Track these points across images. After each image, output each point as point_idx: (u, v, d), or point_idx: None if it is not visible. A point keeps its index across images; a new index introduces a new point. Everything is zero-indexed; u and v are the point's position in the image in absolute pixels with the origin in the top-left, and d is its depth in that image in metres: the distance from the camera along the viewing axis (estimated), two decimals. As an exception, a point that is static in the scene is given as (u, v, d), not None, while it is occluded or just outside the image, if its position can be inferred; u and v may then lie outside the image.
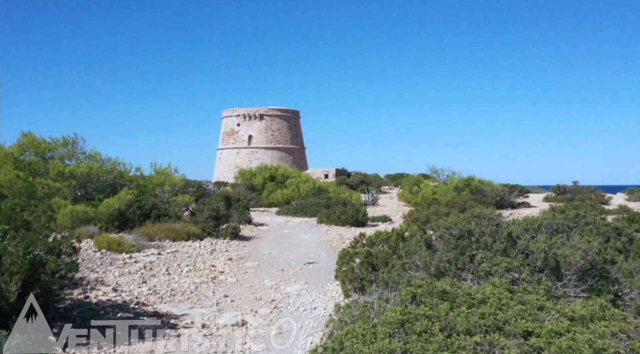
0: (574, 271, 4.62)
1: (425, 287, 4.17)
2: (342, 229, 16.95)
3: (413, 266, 5.22)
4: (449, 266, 4.88)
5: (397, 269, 5.46)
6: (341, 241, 13.54)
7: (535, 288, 4.37)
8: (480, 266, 4.67)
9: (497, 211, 27.48)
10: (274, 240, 13.94)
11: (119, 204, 13.80)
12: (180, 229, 12.77)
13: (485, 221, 5.22)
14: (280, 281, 8.35)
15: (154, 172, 16.26)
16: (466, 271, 4.85)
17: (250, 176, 30.82)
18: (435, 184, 33.53)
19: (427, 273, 5.03)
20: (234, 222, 17.16)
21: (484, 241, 4.97)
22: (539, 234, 5.40)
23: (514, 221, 5.83)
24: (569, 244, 4.85)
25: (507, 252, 4.94)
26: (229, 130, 57.19)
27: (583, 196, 33.31)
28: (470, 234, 5.11)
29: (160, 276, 8.18)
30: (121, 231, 13.79)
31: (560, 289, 4.58)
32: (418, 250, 5.37)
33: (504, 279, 4.44)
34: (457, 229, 5.09)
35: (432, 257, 5.04)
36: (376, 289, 5.57)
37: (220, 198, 17.91)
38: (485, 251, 4.90)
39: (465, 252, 4.94)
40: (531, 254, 4.82)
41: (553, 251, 4.71)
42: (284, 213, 21.91)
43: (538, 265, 4.73)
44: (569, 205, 23.31)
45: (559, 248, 4.77)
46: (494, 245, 4.93)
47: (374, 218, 19.74)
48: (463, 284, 4.33)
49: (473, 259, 4.85)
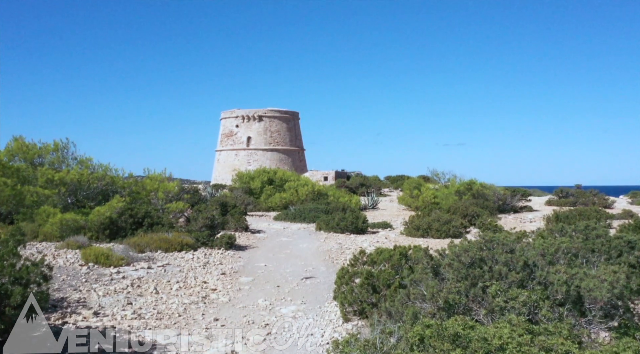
0: (599, 307, 4.14)
1: (434, 328, 3.69)
2: (341, 236, 16.46)
3: (419, 296, 4.73)
4: (459, 299, 4.39)
5: (402, 298, 4.98)
6: (340, 251, 13.06)
7: (557, 327, 3.89)
8: (495, 300, 4.19)
9: (500, 215, 27.03)
10: (270, 250, 13.45)
11: (110, 213, 13.32)
12: (173, 240, 12.28)
13: (498, 248, 4.73)
14: (276, 300, 7.86)
15: (148, 178, 15.77)
16: (478, 304, 4.38)
17: (248, 179, 30.33)
18: (435, 187, 33.05)
19: (434, 304, 4.54)
20: (230, 230, 16.69)
21: (497, 271, 4.49)
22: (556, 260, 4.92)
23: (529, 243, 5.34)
24: (592, 275, 4.37)
25: (524, 282, 4.46)
26: (227, 131, 56.71)
27: (586, 199, 32.81)
28: (482, 262, 4.62)
29: (147, 296, 7.69)
30: (112, 240, 13.31)
31: (585, 327, 4.10)
32: (424, 278, 4.89)
33: (522, 316, 3.96)
34: (467, 257, 4.61)
35: (440, 287, 4.56)
36: (378, 321, 5.09)
37: (216, 205, 17.42)
38: (500, 281, 4.42)
39: (477, 283, 4.46)
40: (550, 285, 4.35)
41: (575, 283, 4.23)
42: (282, 219, 21.42)
43: (558, 298, 4.25)
44: (573, 210, 22.81)
45: (582, 280, 4.29)
46: (509, 275, 4.45)
47: (374, 224, 19.25)
48: (477, 324, 3.85)
49: (486, 291, 4.37)
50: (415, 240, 16.18)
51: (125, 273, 9.28)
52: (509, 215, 27.65)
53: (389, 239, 16.02)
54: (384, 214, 28.16)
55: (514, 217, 26.27)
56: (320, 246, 14.20)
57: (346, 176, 51.92)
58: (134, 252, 11.52)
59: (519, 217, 26.45)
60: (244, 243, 14.47)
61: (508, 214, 27.93)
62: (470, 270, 4.52)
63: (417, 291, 4.69)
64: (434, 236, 16.68)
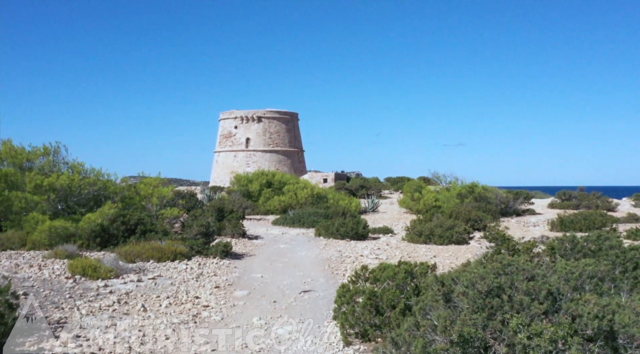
0: (636, 346, 3.64)
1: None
2: (341, 243, 15.96)
3: (429, 327, 4.23)
4: (476, 332, 3.90)
5: (409, 327, 4.48)
6: (340, 260, 12.56)
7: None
8: (517, 337, 3.70)
9: (502, 218, 26.54)
10: (267, 258, 12.96)
11: (102, 220, 12.82)
12: (166, 248, 11.78)
13: (518, 274, 4.23)
14: (271, 318, 7.36)
15: (141, 183, 15.26)
16: (497, 339, 3.88)
17: (246, 181, 29.83)
18: (437, 190, 32.57)
19: (446, 338, 4.04)
20: (227, 236, 16.19)
21: (518, 301, 3.99)
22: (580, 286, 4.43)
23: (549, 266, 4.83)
24: (627, 307, 3.87)
25: (548, 314, 3.96)
26: (226, 132, 56.22)
27: (589, 202, 32.35)
28: (500, 290, 4.12)
29: (134, 314, 7.19)
30: (103, 248, 12.83)
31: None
32: (434, 306, 4.39)
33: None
34: (484, 284, 4.11)
35: (453, 318, 4.06)
36: (384, 352, 4.59)
37: (212, 210, 16.92)
38: (521, 313, 3.92)
39: (495, 315, 3.96)
40: (579, 317, 3.85)
41: (608, 318, 3.74)
42: (281, 223, 20.93)
43: (588, 333, 3.76)
44: (578, 215, 22.34)
45: (615, 312, 3.80)
46: (531, 306, 3.95)
47: (375, 230, 18.76)
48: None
49: (506, 324, 3.88)
50: (417, 246, 15.70)
51: (114, 286, 8.78)
52: (512, 218, 27.18)
53: (391, 246, 15.53)
54: (384, 217, 27.68)
55: (517, 221, 25.79)
56: (320, 253, 13.70)
57: (346, 177, 51.43)
58: (124, 262, 11.03)
59: (522, 221, 25.97)
60: (240, 251, 13.97)
61: (511, 218, 27.45)
62: (488, 300, 4.02)
63: (427, 322, 4.19)
64: (437, 242, 16.19)
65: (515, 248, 9.60)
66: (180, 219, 17.93)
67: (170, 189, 15.52)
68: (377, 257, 13.03)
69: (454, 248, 15.55)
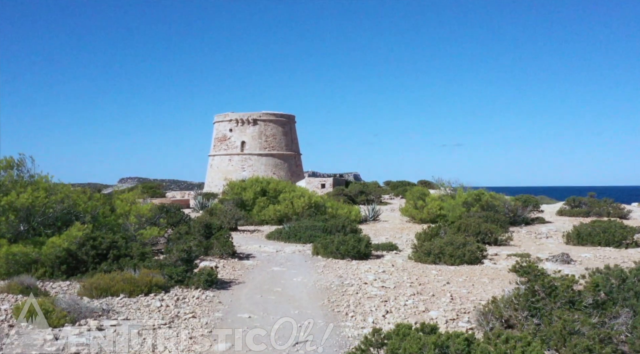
0: None
1: None
2: (341, 263, 14.36)
3: None
4: None
5: None
6: (341, 291, 10.94)
7: None
8: None
9: (511, 228, 24.96)
10: (258, 287, 11.35)
11: (68, 243, 11.19)
12: (140, 279, 10.15)
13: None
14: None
15: (118, 199, 13.60)
16: None
17: (240, 189, 28.20)
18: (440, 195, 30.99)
19: None
20: (214, 256, 14.60)
21: None
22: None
23: None
24: None
25: None
26: (220, 136, 54.58)
27: (600, 209, 30.80)
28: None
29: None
30: (70, 277, 11.21)
31: None
32: None
33: None
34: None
35: None
36: None
37: (199, 227, 15.30)
38: None
39: None
40: None
41: None
42: (275, 238, 19.31)
43: None
44: (595, 226, 20.74)
45: None
46: None
47: (378, 246, 17.14)
48: None
49: None
50: (426, 268, 14.11)
51: (64, 339, 7.16)
52: (521, 228, 25.62)
53: (397, 268, 13.94)
54: (386, 227, 26.10)
55: (527, 231, 24.22)
56: (318, 280, 12.09)
57: (344, 182, 49.84)
58: (88, 298, 9.41)
59: (533, 231, 24.40)
60: (228, 276, 12.35)
61: (520, 227, 25.90)
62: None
63: None
64: (447, 262, 14.61)
65: (552, 286, 8.01)
66: (165, 235, 16.33)
67: (149, 206, 13.85)
68: (383, 286, 11.42)
69: (467, 269, 13.98)
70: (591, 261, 15.80)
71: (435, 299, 10.36)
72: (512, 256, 16.25)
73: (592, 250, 18.19)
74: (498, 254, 16.71)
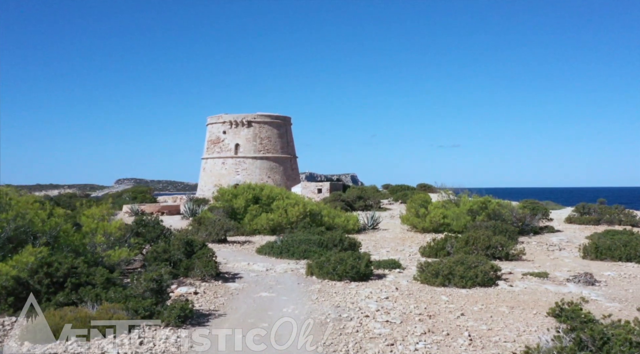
0: None
1: None
2: (338, 287, 12.71)
3: None
4: None
5: None
6: (339, 328, 9.26)
7: None
8: None
9: (520, 238, 23.35)
10: (241, 321, 9.67)
11: (17, 271, 9.51)
12: (98, 316, 8.48)
13: None
14: None
15: (83, 215, 11.89)
16: None
17: (230, 196, 26.51)
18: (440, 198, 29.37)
19: None
20: (195, 278, 12.95)
21: None
22: None
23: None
24: None
25: None
26: (214, 138, 52.86)
27: (611, 216, 29.23)
28: None
29: None
30: (19, 310, 9.52)
31: None
32: None
33: None
34: None
35: None
36: None
37: (179, 245, 13.62)
38: None
39: None
40: None
41: None
42: (266, 253, 17.63)
43: None
44: (615, 239, 19.14)
45: None
46: None
47: (380, 263, 15.47)
48: None
49: None
50: (434, 292, 12.47)
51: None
52: (530, 238, 24.02)
53: (401, 292, 12.30)
54: (386, 237, 24.44)
55: (538, 243, 22.56)
56: (312, 311, 10.42)
57: (342, 186, 48.16)
58: (31, 344, 7.74)
59: (544, 242, 22.76)
60: (207, 306, 10.68)
61: (529, 237, 24.30)
62: None
63: None
64: (458, 284, 12.98)
65: (604, 337, 6.38)
66: (142, 252, 14.65)
67: (118, 223, 12.13)
68: (387, 320, 9.74)
69: (481, 294, 12.35)
70: (617, 282, 14.19)
71: (450, 340, 8.71)
72: (528, 276, 14.63)
73: (613, 267, 16.59)
74: (512, 273, 15.08)
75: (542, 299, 11.89)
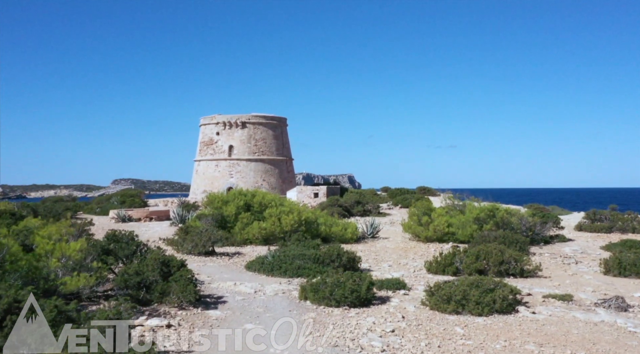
0: None
1: None
2: (336, 315, 11.02)
3: None
4: None
5: None
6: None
7: None
8: None
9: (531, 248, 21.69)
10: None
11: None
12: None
13: None
14: None
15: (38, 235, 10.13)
16: None
17: (220, 203, 24.79)
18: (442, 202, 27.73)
19: None
20: (171, 305, 11.24)
21: None
22: None
23: None
24: None
25: None
26: (207, 139, 51.11)
27: (624, 224, 27.65)
28: None
29: None
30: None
31: None
32: None
33: None
34: None
35: None
36: None
37: (154, 264, 11.90)
38: None
39: None
40: None
41: None
42: (256, 269, 15.90)
43: None
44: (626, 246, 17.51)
45: None
46: None
47: (382, 284, 13.75)
48: None
49: None
50: (446, 321, 10.78)
51: None
52: (542, 248, 22.37)
53: (408, 322, 10.60)
54: (387, 247, 22.74)
55: (550, 254, 20.89)
56: (305, 349, 8.72)
57: (339, 190, 46.46)
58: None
59: (557, 253, 21.09)
60: (177, 348, 8.96)
61: (540, 247, 22.68)
62: None
63: None
64: (473, 311, 11.29)
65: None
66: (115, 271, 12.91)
67: (80, 243, 10.36)
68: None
69: (500, 324, 10.66)
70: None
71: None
72: (549, 298, 12.96)
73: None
74: (531, 294, 13.41)
75: (572, 332, 10.23)
